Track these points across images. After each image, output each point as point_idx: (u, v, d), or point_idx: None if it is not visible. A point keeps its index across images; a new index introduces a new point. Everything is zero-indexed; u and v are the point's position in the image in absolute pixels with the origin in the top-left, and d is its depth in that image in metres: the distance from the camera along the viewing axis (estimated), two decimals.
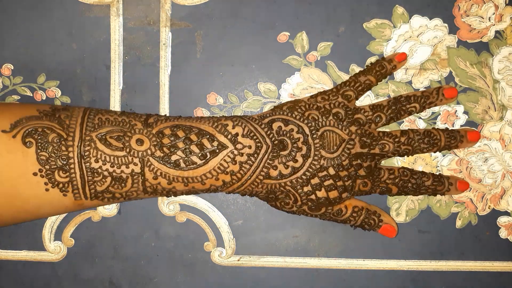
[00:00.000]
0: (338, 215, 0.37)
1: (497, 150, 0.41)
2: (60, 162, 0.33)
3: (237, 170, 0.35)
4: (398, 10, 0.40)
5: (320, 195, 0.36)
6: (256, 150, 0.35)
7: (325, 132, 0.36)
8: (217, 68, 0.41)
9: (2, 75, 0.41)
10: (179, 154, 0.34)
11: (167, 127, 0.35)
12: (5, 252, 0.42)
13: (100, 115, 0.35)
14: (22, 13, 0.40)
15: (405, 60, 0.39)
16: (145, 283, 0.42)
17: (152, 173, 0.34)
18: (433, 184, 0.38)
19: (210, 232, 0.42)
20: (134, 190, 0.35)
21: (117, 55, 0.41)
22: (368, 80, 0.38)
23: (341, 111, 0.37)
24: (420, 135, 0.37)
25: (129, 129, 0.35)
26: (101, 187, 0.34)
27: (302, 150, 0.35)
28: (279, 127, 0.36)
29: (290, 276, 0.42)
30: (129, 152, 0.34)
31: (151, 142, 0.34)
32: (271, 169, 0.35)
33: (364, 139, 0.36)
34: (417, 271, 0.42)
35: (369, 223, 0.38)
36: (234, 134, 0.35)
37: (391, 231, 0.39)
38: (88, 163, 0.33)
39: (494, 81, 0.41)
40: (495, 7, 0.40)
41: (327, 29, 0.41)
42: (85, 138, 0.34)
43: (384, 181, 0.37)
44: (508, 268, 0.42)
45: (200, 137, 0.35)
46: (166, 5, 0.40)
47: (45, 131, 0.33)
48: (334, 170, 0.36)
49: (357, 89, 0.38)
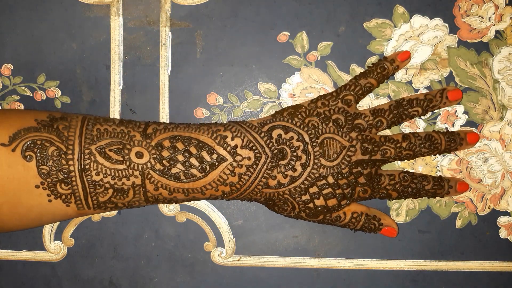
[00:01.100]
0: (336, 221, 0.37)
1: (497, 150, 0.41)
2: (61, 175, 0.33)
3: (236, 182, 0.35)
4: (399, 9, 0.40)
5: (319, 203, 0.36)
6: (255, 161, 0.35)
7: (325, 139, 0.36)
8: (217, 68, 0.41)
9: (2, 75, 0.41)
10: (178, 167, 0.35)
11: (166, 139, 0.35)
12: (5, 252, 0.42)
13: (98, 125, 0.35)
14: (22, 13, 0.40)
15: (408, 59, 0.39)
16: (145, 283, 0.42)
17: (153, 185, 0.35)
18: (433, 188, 0.38)
19: (210, 232, 0.42)
20: (136, 200, 0.35)
21: (117, 55, 0.41)
22: (369, 83, 0.37)
23: (341, 117, 0.36)
24: (422, 140, 0.37)
25: (128, 141, 0.35)
26: (103, 198, 0.35)
27: (301, 159, 0.35)
28: (279, 135, 0.36)
29: (290, 276, 0.42)
30: (129, 165, 0.34)
31: (151, 155, 0.34)
32: (269, 179, 0.36)
33: (366, 145, 0.36)
34: (417, 271, 0.42)
35: (369, 227, 0.38)
36: (233, 146, 0.35)
37: (392, 233, 0.39)
38: (89, 176, 0.34)
39: (494, 81, 0.40)
40: (495, 7, 0.40)
41: (327, 29, 0.41)
42: (85, 151, 0.34)
43: (384, 187, 0.37)
44: (508, 268, 0.42)
45: (199, 150, 0.35)
46: (166, 5, 0.40)
47: (44, 144, 0.33)
48: (333, 179, 0.36)
49: (357, 93, 0.37)
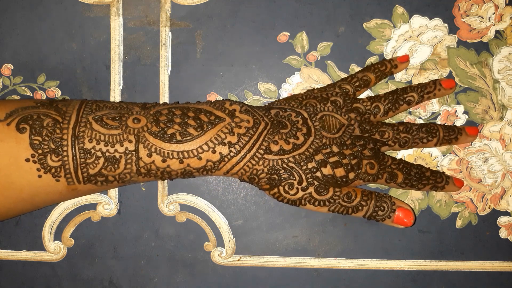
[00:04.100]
0: (348, 199, 0.35)
1: (497, 150, 0.41)
2: (53, 145, 0.33)
3: (235, 142, 0.34)
4: (398, 10, 0.40)
5: (326, 172, 0.35)
6: (254, 125, 0.35)
7: (324, 116, 0.36)
8: (217, 68, 0.41)
9: (2, 75, 0.41)
10: (175, 128, 0.34)
11: (165, 108, 0.35)
12: (5, 252, 0.42)
13: (98, 102, 0.35)
14: (22, 13, 0.40)
15: (407, 62, 0.40)
16: (145, 283, 0.42)
17: (146, 149, 0.34)
18: (433, 176, 0.38)
19: (210, 232, 0.42)
20: (128, 172, 0.34)
21: (117, 55, 0.41)
22: (366, 76, 0.38)
23: (339, 99, 0.37)
24: (418, 125, 0.38)
25: (127, 111, 0.35)
26: (93, 169, 0.34)
27: (302, 130, 0.35)
28: (277, 112, 0.36)
29: (290, 276, 0.42)
30: (124, 129, 0.34)
31: (148, 120, 0.34)
32: (271, 144, 0.34)
33: (364, 125, 0.36)
34: (417, 271, 0.42)
35: (382, 207, 0.36)
36: (231, 110, 0.35)
37: (408, 215, 0.36)
38: (82, 144, 0.33)
39: (494, 81, 0.41)
40: (495, 7, 0.40)
41: (327, 29, 0.41)
42: (81, 120, 0.33)
43: (389, 165, 0.36)
44: (508, 268, 0.42)
45: (197, 113, 0.35)
46: (166, 5, 0.40)
47: (41, 117, 0.33)
48: (337, 148, 0.35)
49: (354, 84, 0.38)
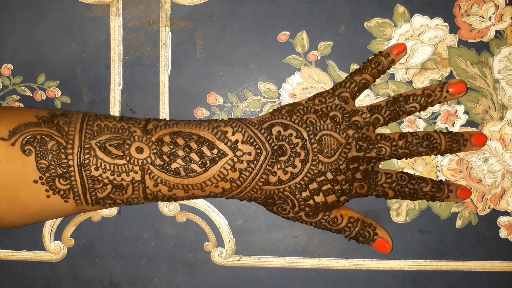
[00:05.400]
0: (333, 223, 0.37)
1: (497, 150, 0.41)
2: (60, 170, 0.33)
3: (236, 177, 0.35)
4: (399, 9, 0.40)
5: (318, 200, 0.36)
6: (255, 157, 0.35)
7: (323, 136, 0.36)
8: (217, 68, 0.41)
9: (2, 75, 0.41)
10: (179, 162, 0.34)
11: (167, 134, 0.35)
12: (5, 252, 0.42)
13: (99, 121, 0.35)
14: (22, 13, 0.40)
15: (404, 51, 0.38)
16: (145, 283, 0.42)
17: (152, 180, 0.34)
18: (432, 191, 0.37)
19: (210, 232, 0.42)
20: (135, 197, 0.35)
21: (117, 55, 0.41)
22: (364, 79, 0.37)
23: (338, 114, 0.36)
24: (419, 139, 0.36)
25: (128, 136, 0.35)
26: (102, 194, 0.34)
27: (300, 155, 0.35)
28: (279, 132, 0.36)
29: (290, 276, 0.42)
30: (129, 160, 0.34)
31: (151, 150, 0.34)
32: (270, 175, 0.35)
33: (360, 143, 0.36)
34: (417, 271, 0.42)
35: (364, 235, 0.38)
36: (234, 141, 0.35)
37: (386, 247, 0.38)
38: (88, 171, 0.33)
39: (495, 81, 0.40)
40: (495, 7, 0.40)
41: (328, 28, 0.41)
42: (85, 146, 0.34)
43: (380, 184, 0.37)
44: (508, 268, 0.42)
45: (199, 145, 0.35)
46: (166, 4, 0.40)
47: (44, 138, 0.33)
48: (332, 175, 0.36)
49: (353, 90, 0.37)
